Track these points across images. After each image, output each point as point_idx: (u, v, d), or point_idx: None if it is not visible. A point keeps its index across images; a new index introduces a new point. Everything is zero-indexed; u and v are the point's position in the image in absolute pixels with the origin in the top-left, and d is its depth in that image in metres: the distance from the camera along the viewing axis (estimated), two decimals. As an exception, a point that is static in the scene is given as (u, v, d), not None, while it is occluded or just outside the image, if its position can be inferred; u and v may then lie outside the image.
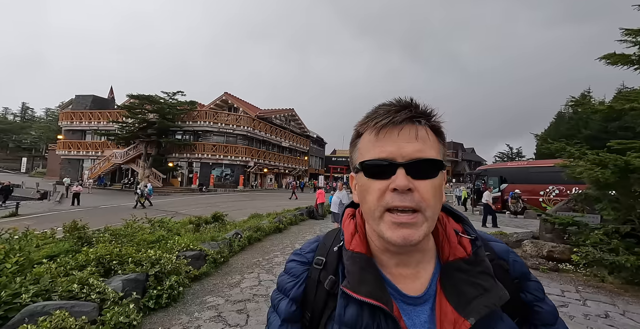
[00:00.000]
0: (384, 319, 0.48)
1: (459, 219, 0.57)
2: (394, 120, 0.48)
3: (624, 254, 4.12)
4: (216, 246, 5.44)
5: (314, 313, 0.56)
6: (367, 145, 0.52)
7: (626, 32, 4.98)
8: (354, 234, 0.56)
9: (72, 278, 2.77)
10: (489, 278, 0.49)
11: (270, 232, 8.02)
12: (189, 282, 4.03)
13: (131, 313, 2.76)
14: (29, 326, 2.07)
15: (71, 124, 29.98)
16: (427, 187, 0.47)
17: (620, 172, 4.18)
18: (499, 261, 0.55)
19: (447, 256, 0.52)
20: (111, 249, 3.52)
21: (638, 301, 3.70)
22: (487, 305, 0.46)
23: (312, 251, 0.62)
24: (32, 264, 2.72)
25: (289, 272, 0.61)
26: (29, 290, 2.44)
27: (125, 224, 5.18)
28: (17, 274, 2.51)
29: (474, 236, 0.53)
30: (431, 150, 0.49)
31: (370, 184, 0.49)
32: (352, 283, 0.51)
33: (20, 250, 2.83)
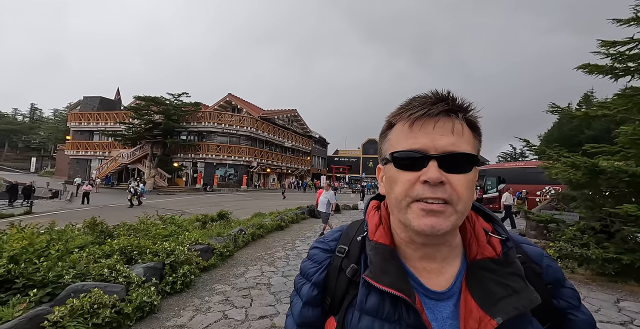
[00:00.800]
0: (406, 310, 0.48)
1: (489, 219, 0.56)
2: (430, 112, 0.47)
3: (594, 249, 4.53)
4: (222, 241, 5.92)
5: (334, 299, 0.57)
6: (399, 136, 0.50)
7: (602, 43, 5.36)
8: (378, 226, 0.56)
9: (102, 264, 3.26)
10: (520, 280, 0.48)
11: (272, 229, 8.49)
12: (198, 272, 4.51)
13: (152, 294, 3.24)
14: (74, 300, 2.56)
15: (79, 125, 30.78)
16: (460, 181, 0.46)
17: (590, 174, 4.58)
18: (532, 264, 0.53)
19: (475, 255, 0.51)
20: (131, 241, 4.02)
21: (600, 289, 4.12)
22: (516, 307, 0.45)
23: (335, 239, 0.63)
24: (69, 252, 3.21)
25: (311, 258, 0.62)
26: (70, 272, 2.93)
27: (139, 220, 5.68)
28: (59, 260, 3.00)
29: (504, 237, 0.52)
30: (466, 144, 0.48)
31: (400, 175, 0.49)
32: (374, 272, 0.51)
33: (59, 240, 3.33)
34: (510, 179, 17.29)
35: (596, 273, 4.52)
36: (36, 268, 2.75)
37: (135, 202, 17.14)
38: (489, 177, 18.34)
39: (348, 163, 49.34)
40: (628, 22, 5.08)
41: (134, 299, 3.04)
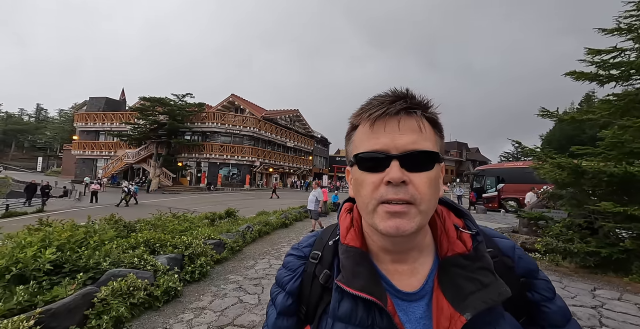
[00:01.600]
0: (379, 314, 0.48)
1: (460, 214, 0.56)
2: (389, 111, 0.47)
3: (578, 243, 4.90)
4: (232, 236, 6.33)
5: (309, 307, 0.56)
6: (362, 137, 0.50)
7: (588, 51, 5.71)
8: (349, 228, 0.55)
9: (132, 254, 3.68)
10: (489, 274, 0.47)
11: (277, 226, 8.91)
12: (213, 264, 4.92)
13: (176, 281, 3.65)
14: (114, 283, 2.97)
15: (86, 125, 31.35)
16: (423, 179, 0.46)
17: (574, 174, 4.95)
18: (503, 257, 0.53)
19: (446, 252, 0.51)
20: (153, 235, 4.44)
21: (581, 280, 4.49)
22: (484, 301, 0.45)
23: (309, 245, 0.62)
24: (102, 243, 3.62)
25: (286, 266, 0.61)
26: (106, 260, 3.35)
27: (154, 217, 6.10)
28: (95, 250, 3.42)
29: (474, 231, 0.52)
30: (427, 142, 0.47)
31: (365, 177, 0.48)
32: (346, 277, 0.50)
33: (95, 232, 3.75)
34: (509, 178, 17.63)
35: (579, 265, 4.90)
36: (78, 256, 3.17)
37: (133, 201, 17.32)
38: (488, 177, 18.68)
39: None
40: (612, 31, 5.44)
41: (161, 284, 3.45)
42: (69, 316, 2.52)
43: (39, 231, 3.44)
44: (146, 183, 26.45)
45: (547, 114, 6.02)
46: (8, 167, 42.36)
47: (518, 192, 15.98)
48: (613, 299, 3.75)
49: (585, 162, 4.92)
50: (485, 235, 0.55)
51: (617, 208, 4.19)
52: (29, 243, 2.89)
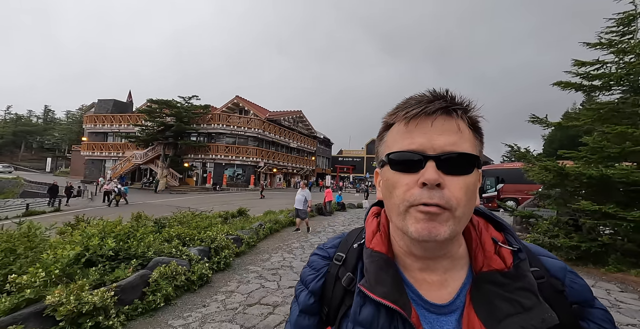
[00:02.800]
0: (402, 324, 0.45)
1: (500, 228, 0.52)
2: (427, 109, 0.44)
3: (562, 239, 5.43)
4: (247, 233, 6.91)
5: (330, 308, 0.55)
6: (395, 137, 0.48)
7: (575, 63, 6.23)
8: (375, 233, 0.54)
9: (169, 245, 4.27)
10: (531, 296, 0.43)
11: (286, 224, 9.50)
12: (234, 256, 5.50)
13: (206, 269, 4.24)
14: (161, 268, 3.56)
15: (95, 126, 32.13)
16: (460, 184, 0.43)
17: (559, 176, 5.48)
18: (551, 279, 0.48)
19: (481, 267, 0.47)
20: (183, 230, 5.03)
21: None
22: (524, 326, 0.40)
23: (334, 246, 0.61)
24: (143, 235, 4.20)
25: (310, 265, 0.61)
26: (150, 250, 3.94)
27: (174, 215, 6.70)
28: (140, 241, 4.01)
29: (516, 247, 0.48)
30: (466, 144, 0.45)
31: (397, 178, 0.46)
32: (369, 282, 0.49)
33: (138, 227, 4.34)
34: (509, 179, 18.08)
35: (563, 258, 5.42)
36: (128, 245, 3.76)
37: (123, 201, 17.54)
38: (488, 177, 19.14)
39: (352, 163, 50.22)
40: (594, 45, 5.96)
41: (196, 271, 4.03)
42: (133, 291, 3.12)
43: (88, 226, 4.03)
44: (154, 183, 27.14)
45: (537, 121, 6.54)
46: (18, 167, 43.32)
47: (517, 193, 16.40)
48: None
49: (568, 165, 5.45)
50: (530, 253, 0.51)
51: (594, 206, 4.72)
52: (93, 234, 3.49)
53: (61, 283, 2.72)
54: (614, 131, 5.16)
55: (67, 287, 2.60)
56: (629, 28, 5.64)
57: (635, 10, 5.55)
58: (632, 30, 5.61)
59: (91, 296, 2.57)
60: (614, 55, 5.73)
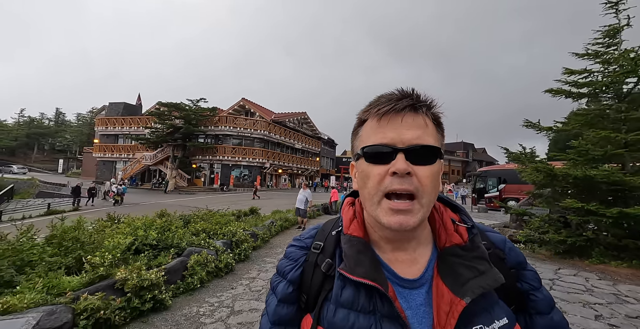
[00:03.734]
0: (380, 300, 0.50)
1: (456, 210, 0.60)
2: (396, 107, 0.50)
3: (551, 234, 5.92)
4: (260, 229, 7.50)
5: (310, 295, 0.58)
6: (369, 132, 0.53)
7: (565, 71, 6.71)
8: (352, 220, 0.59)
9: (198, 238, 4.87)
10: (485, 262, 0.51)
11: (294, 222, 10.08)
12: (251, 249, 6.09)
13: (231, 259, 4.82)
14: (195, 256, 4.15)
15: (106, 129, 33.11)
16: (426, 172, 0.49)
17: (549, 177, 5.97)
18: (496, 250, 0.57)
19: (444, 243, 0.55)
20: (207, 225, 5.63)
21: (550, 263, 5.52)
22: (482, 285, 0.48)
23: (310, 237, 0.65)
24: (176, 229, 4.81)
25: (288, 256, 0.64)
26: (183, 241, 4.54)
27: (197, 212, 7.31)
28: (174, 233, 4.62)
29: (470, 224, 0.56)
30: (430, 137, 0.51)
31: (371, 169, 0.51)
32: (349, 265, 0.53)
33: (171, 222, 4.95)
34: (511, 179, 18.44)
35: (552, 252, 5.91)
36: (165, 237, 4.37)
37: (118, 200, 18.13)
38: (490, 177, 19.52)
39: (356, 164, 50.60)
40: (582, 56, 6.44)
41: (222, 260, 4.62)
42: (175, 274, 3.71)
43: (131, 221, 4.65)
44: (164, 184, 27.94)
45: (530, 125, 7.03)
46: (32, 168, 44.64)
47: (520, 193, 16.74)
48: (569, 275, 4.78)
49: (558, 166, 5.94)
50: (479, 229, 0.59)
51: (577, 204, 5.21)
52: (139, 227, 4.10)
53: (122, 265, 3.32)
54: (599, 135, 5.64)
55: (127, 267, 3.20)
56: (614, 40, 6.11)
57: (619, 24, 6.03)
58: (616, 42, 6.08)
59: (148, 274, 3.17)
60: (600, 65, 6.21)
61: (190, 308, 3.42)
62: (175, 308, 3.38)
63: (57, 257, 3.43)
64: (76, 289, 2.85)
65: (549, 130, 6.73)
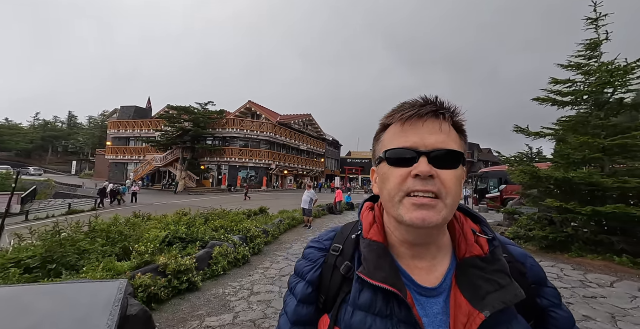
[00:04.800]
0: (397, 305, 0.51)
1: (476, 220, 0.59)
2: (419, 112, 0.51)
3: (536, 231, 6.47)
4: (270, 227, 8.19)
5: (328, 296, 0.59)
6: (392, 136, 0.54)
7: (552, 80, 7.25)
8: (372, 224, 0.59)
9: (217, 233, 5.57)
10: (505, 276, 0.51)
11: (301, 221, 10.76)
12: (263, 244, 6.78)
13: (246, 251, 5.51)
14: (217, 248, 4.85)
15: (118, 132, 34.30)
16: (449, 175, 0.50)
17: (534, 178, 6.52)
18: (517, 264, 0.56)
19: (464, 253, 0.54)
20: (224, 222, 6.33)
21: (534, 256, 6.05)
22: (503, 301, 0.48)
23: (329, 239, 0.66)
24: (199, 225, 5.51)
25: (306, 257, 0.65)
26: (206, 235, 5.24)
27: (213, 211, 8.03)
28: (198, 228, 5.33)
29: (491, 236, 0.55)
30: (453, 142, 0.51)
31: (392, 171, 0.52)
32: (367, 268, 0.53)
33: (195, 218, 5.67)
34: (511, 180, 18.85)
35: (538, 247, 6.46)
36: (191, 232, 5.07)
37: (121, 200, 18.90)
38: (491, 178, 19.92)
39: (360, 164, 51.16)
40: (566, 67, 6.98)
41: (240, 252, 5.31)
42: (203, 262, 4.41)
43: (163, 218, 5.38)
44: (174, 185, 28.91)
45: (520, 130, 7.58)
46: (47, 170, 46.25)
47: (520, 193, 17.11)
48: (547, 266, 5.35)
49: (543, 168, 6.49)
50: (500, 242, 0.58)
51: (556, 203, 5.77)
52: (169, 222, 4.81)
53: (161, 253, 4.03)
54: (579, 140, 6.18)
55: (166, 255, 3.90)
56: (594, 52, 6.64)
57: (598, 38, 6.56)
58: (596, 54, 6.61)
59: (183, 260, 3.86)
60: (582, 76, 6.74)
61: (217, 289, 4.11)
62: (204, 289, 4.08)
63: (107, 246, 4.15)
64: (129, 271, 3.55)
65: (536, 135, 7.27)
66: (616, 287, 4.27)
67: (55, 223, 3.84)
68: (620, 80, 6.17)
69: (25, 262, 3.52)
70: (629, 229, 5.68)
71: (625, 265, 5.15)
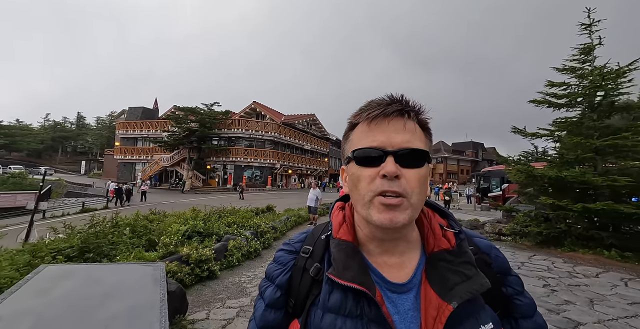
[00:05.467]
0: (367, 304, 0.51)
1: (444, 215, 0.61)
2: (385, 111, 0.51)
3: (532, 227, 6.79)
4: (278, 223, 8.62)
5: (297, 300, 0.58)
6: (360, 136, 0.55)
7: (548, 83, 7.55)
8: (341, 224, 0.60)
9: (231, 228, 6.00)
10: (471, 267, 0.53)
11: (306, 219, 11.18)
12: (273, 239, 7.20)
13: (258, 245, 5.94)
14: (232, 241, 5.28)
15: (126, 132, 35.07)
16: (414, 175, 0.51)
17: (530, 177, 6.84)
18: (482, 255, 0.59)
19: (432, 248, 0.56)
20: (236, 219, 6.77)
21: (529, 251, 6.41)
22: (469, 291, 0.50)
23: (300, 241, 0.65)
24: (214, 221, 5.95)
25: (277, 260, 0.64)
26: (220, 230, 5.68)
27: (225, 209, 8.48)
28: (213, 224, 5.77)
29: (457, 230, 0.57)
30: (418, 141, 0.52)
31: (361, 171, 0.53)
32: (337, 269, 0.54)
33: (210, 215, 6.11)
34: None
35: (533, 243, 6.79)
36: (207, 226, 5.51)
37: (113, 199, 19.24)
38: (494, 177, 20.13)
39: (364, 164, 51.40)
40: (562, 71, 7.28)
41: (252, 246, 5.73)
42: (220, 254, 4.84)
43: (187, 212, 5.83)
44: (180, 184, 29.54)
45: (517, 131, 7.89)
46: (57, 170, 47.36)
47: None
48: (540, 260, 5.69)
49: (538, 167, 6.81)
50: (466, 235, 0.60)
51: (549, 201, 6.09)
52: (188, 218, 5.26)
53: (183, 245, 4.47)
54: (572, 141, 6.49)
55: (188, 246, 4.34)
56: (588, 57, 6.93)
57: (592, 43, 6.84)
58: (590, 59, 6.90)
59: (203, 251, 4.29)
60: (576, 79, 7.03)
61: (233, 277, 4.54)
62: (222, 277, 4.51)
63: (134, 239, 4.60)
64: (157, 260, 3.99)
65: (532, 136, 7.58)
66: (601, 277, 4.61)
67: (91, 217, 4.30)
68: (613, 83, 6.46)
69: (65, 251, 3.98)
70: (619, 225, 5.98)
71: (614, 258, 5.47)
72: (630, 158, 6.17)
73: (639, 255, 5.39)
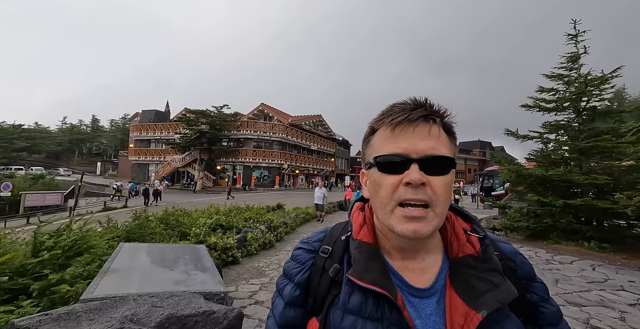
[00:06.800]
0: (388, 308, 0.50)
1: (467, 219, 0.59)
2: (410, 117, 0.50)
3: (522, 222, 7.38)
4: (288, 220, 9.40)
5: (316, 299, 0.58)
6: (382, 141, 0.53)
7: (539, 88, 8.10)
8: (362, 225, 0.59)
9: (248, 222, 6.80)
10: (498, 275, 0.51)
11: (314, 216, 11.94)
12: (284, 233, 7.97)
13: (272, 237, 6.71)
14: (250, 233, 6.06)
15: (140, 134, 36.48)
16: (440, 183, 0.49)
17: (520, 176, 7.43)
18: (507, 261, 0.57)
19: (456, 253, 0.54)
20: (252, 214, 7.58)
21: (517, 244, 6.99)
22: (498, 299, 0.48)
23: (319, 240, 0.65)
24: (233, 216, 6.76)
25: (295, 259, 0.64)
26: (239, 224, 6.47)
27: (241, 206, 9.31)
28: (233, 218, 6.57)
29: (482, 235, 0.55)
30: (444, 148, 0.51)
31: (384, 178, 0.51)
32: (357, 271, 0.53)
33: (230, 211, 6.93)
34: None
35: (523, 237, 7.38)
36: (228, 221, 6.31)
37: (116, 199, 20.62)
38: (497, 176, 20.47)
39: (370, 164, 51.85)
40: (550, 77, 7.83)
41: (267, 237, 6.51)
42: (240, 243, 5.63)
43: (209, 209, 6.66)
44: (192, 184, 30.69)
45: (510, 134, 8.46)
46: (74, 171, 49.39)
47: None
48: (526, 250, 6.30)
49: (527, 167, 7.39)
50: (491, 240, 0.57)
51: (535, 197, 6.68)
52: (212, 212, 6.06)
53: (210, 235, 5.27)
54: (559, 142, 7.06)
55: (214, 236, 5.13)
56: (575, 65, 7.46)
57: (577, 52, 7.38)
58: (576, 66, 7.43)
59: (228, 240, 5.08)
60: (562, 85, 7.58)
61: (253, 263, 5.32)
62: (243, 263, 5.29)
63: (168, 230, 5.42)
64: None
65: (524, 138, 8.14)
66: (574, 264, 5.21)
67: (134, 212, 5.13)
68: (597, 90, 7.00)
69: (113, 240, 4.83)
70: (601, 220, 6.53)
71: (593, 249, 6.04)
72: (612, 159, 6.71)
73: (615, 246, 5.94)
